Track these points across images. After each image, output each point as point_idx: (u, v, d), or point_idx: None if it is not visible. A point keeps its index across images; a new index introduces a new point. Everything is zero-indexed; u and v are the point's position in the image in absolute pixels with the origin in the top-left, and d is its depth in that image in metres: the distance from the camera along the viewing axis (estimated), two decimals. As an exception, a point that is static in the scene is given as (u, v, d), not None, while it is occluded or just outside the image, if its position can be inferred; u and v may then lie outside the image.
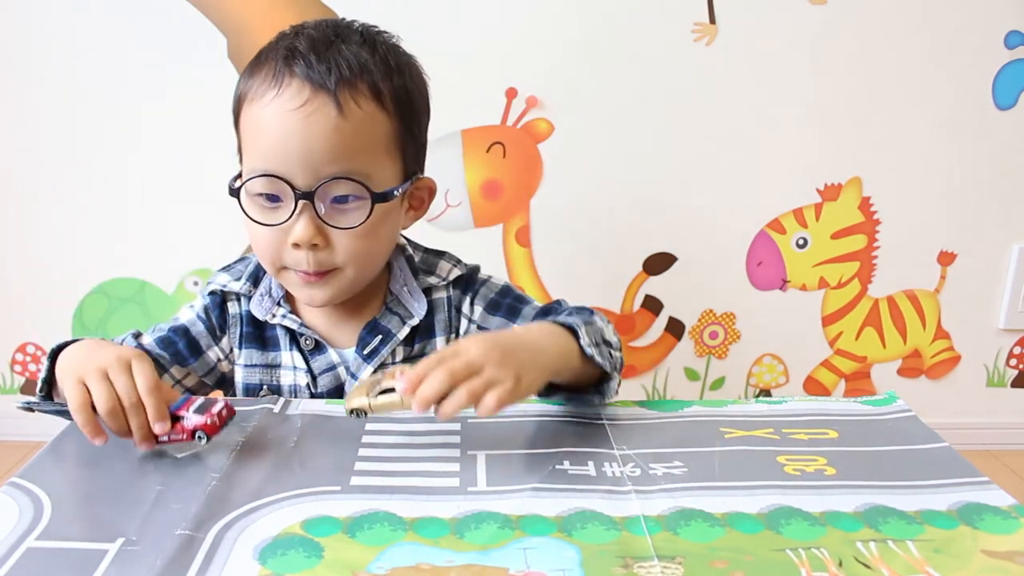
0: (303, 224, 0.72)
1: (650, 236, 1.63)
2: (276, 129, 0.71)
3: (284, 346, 0.83)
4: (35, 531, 0.52)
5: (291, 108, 0.70)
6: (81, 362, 0.63)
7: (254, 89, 0.73)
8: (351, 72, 0.71)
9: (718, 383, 1.72)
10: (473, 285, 0.86)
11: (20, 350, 1.68)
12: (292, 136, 0.70)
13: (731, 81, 1.53)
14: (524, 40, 1.51)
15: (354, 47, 0.73)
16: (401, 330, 0.82)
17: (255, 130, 0.73)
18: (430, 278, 0.85)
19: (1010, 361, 1.74)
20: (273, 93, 0.71)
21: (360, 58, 0.72)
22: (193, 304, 0.86)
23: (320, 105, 0.70)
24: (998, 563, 0.50)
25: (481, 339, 0.62)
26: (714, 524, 0.54)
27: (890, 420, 0.71)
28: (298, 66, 0.71)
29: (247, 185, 0.74)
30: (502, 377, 0.59)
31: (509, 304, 0.85)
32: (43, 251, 1.60)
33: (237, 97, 0.76)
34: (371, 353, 0.81)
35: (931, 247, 1.66)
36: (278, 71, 0.71)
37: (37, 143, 1.54)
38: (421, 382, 0.58)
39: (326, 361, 0.82)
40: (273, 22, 1.49)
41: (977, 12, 1.51)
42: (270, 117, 0.71)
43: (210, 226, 1.58)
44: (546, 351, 0.67)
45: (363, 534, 0.52)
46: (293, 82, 0.71)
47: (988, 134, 1.58)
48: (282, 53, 0.72)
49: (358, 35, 0.75)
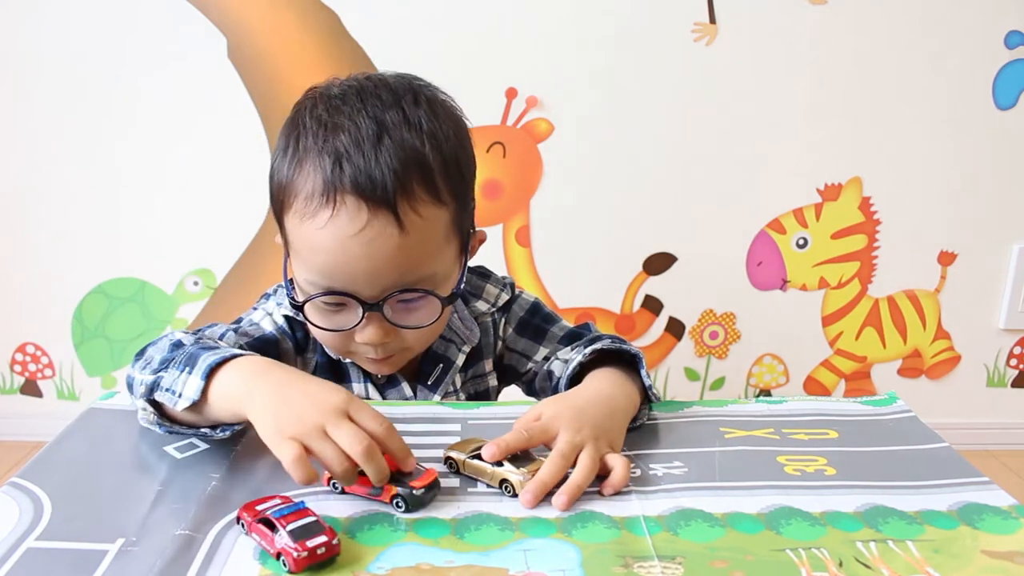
0: (372, 329, 0.70)
1: (650, 236, 1.63)
2: (336, 252, 0.67)
3: (355, 378, 0.80)
4: (35, 531, 0.52)
5: (350, 233, 0.66)
6: (285, 419, 0.56)
7: (301, 201, 0.67)
8: (406, 174, 0.66)
9: (718, 383, 1.72)
10: (510, 305, 0.87)
11: (20, 350, 1.68)
12: (354, 259, 0.67)
13: (731, 81, 1.54)
14: (524, 40, 1.51)
15: (400, 133, 0.67)
16: (459, 357, 0.82)
17: (310, 248, 0.68)
18: (479, 303, 0.84)
19: (1010, 361, 1.74)
20: (327, 214, 0.66)
21: (410, 149, 0.67)
22: (266, 313, 0.80)
23: (381, 227, 0.66)
24: (998, 563, 0.50)
25: (568, 412, 0.63)
26: (714, 524, 0.54)
27: (890, 420, 0.71)
28: (348, 179, 0.65)
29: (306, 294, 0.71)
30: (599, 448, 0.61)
31: (537, 325, 0.86)
32: (43, 251, 1.60)
33: (278, 192, 0.71)
34: (435, 383, 0.81)
35: (931, 247, 1.66)
36: (328, 186, 0.66)
37: (37, 143, 1.55)
38: (505, 449, 0.58)
39: (399, 394, 0.80)
40: (273, 22, 1.49)
41: (977, 12, 1.51)
42: (327, 241, 0.67)
43: (210, 226, 1.59)
44: (619, 407, 0.67)
45: (363, 534, 0.52)
46: (347, 201, 0.65)
47: (988, 134, 1.58)
48: (327, 159, 0.66)
49: (398, 110, 0.68)
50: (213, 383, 0.60)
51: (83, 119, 1.53)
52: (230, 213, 1.57)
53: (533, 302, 0.88)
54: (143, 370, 0.65)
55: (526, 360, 0.86)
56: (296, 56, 1.49)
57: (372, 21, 1.47)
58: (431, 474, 0.56)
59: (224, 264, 1.60)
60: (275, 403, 0.57)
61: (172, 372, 0.62)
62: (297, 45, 1.48)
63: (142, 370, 0.65)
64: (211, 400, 0.60)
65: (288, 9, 1.48)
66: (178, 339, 0.66)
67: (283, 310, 0.78)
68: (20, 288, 1.63)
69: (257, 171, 1.55)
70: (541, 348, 0.85)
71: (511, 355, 0.87)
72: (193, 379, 0.60)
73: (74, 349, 1.66)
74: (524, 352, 0.86)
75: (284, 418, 0.56)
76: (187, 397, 0.60)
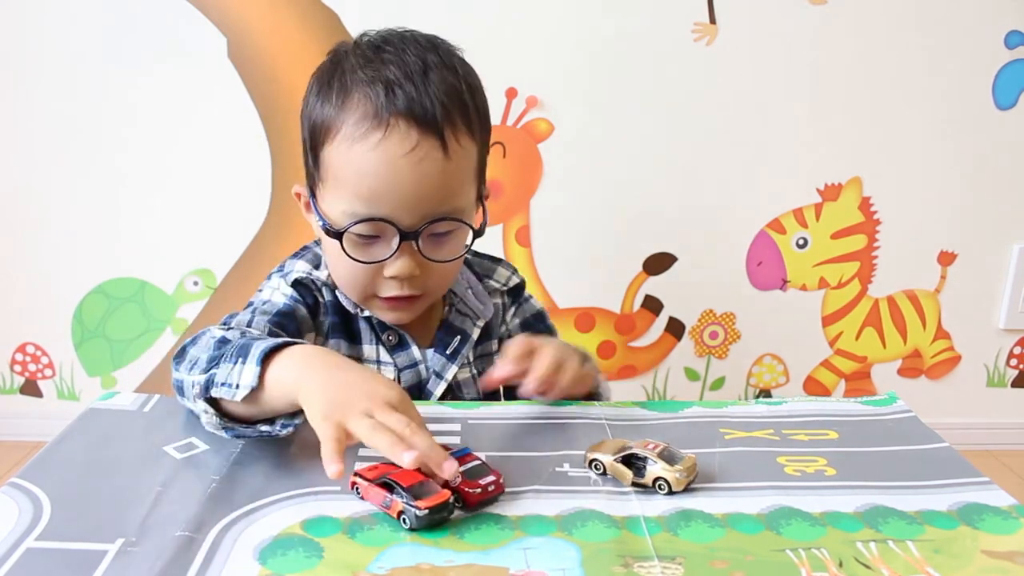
0: (404, 261, 0.73)
1: (650, 236, 1.63)
2: (384, 175, 0.69)
3: (367, 339, 0.82)
4: (35, 531, 0.52)
5: (401, 153, 0.69)
6: (334, 402, 0.56)
7: (350, 126, 0.70)
8: (452, 105, 0.70)
9: (718, 383, 1.72)
10: (519, 298, 0.92)
11: (20, 350, 1.68)
12: (402, 182, 0.69)
13: (731, 81, 1.53)
14: (524, 40, 1.51)
15: (442, 72, 0.71)
16: (474, 331, 0.85)
17: (355, 173, 0.71)
18: (491, 282, 0.89)
19: (1010, 361, 1.74)
20: (378, 136, 0.69)
21: (451, 86, 0.71)
22: (275, 289, 0.80)
23: (429, 149, 0.69)
24: (998, 563, 0.50)
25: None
26: (714, 525, 0.54)
27: (890, 420, 0.71)
28: (401, 103, 0.69)
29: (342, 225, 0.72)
30: None
31: (539, 331, 0.90)
32: (43, 251, 1.60)
33: (320, 127, 0.73)
34: (453, 353, 0.83)
35: (931, 247, 1.66)
36: (380, 110, 0.69)
37: (37, 143, 1.54)
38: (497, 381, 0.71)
39: (408, 358, 0.82)
40: (273, 22, 1.49)
41: (977, 12, 1.51)
42: (377, 162, 0.69)
43: (210, 226, 1.59)
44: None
45: (363, 534, 0.52)
46: (400, 123, 0.69)
47: (988, 134, 1.58)
48: (379, 87, 0.69)
49: (436, 55, 0.73)
50: (268, 370, 0.59)
51: (83, 119, 1.53)
52: (230, 213, 1.57)
53: (540, 309, 0.94)
54: (191, 371, 0.65)
55: None
56: (296, 56, 1.49)
57: (372, 21, 1.47)
58: (442, 495, 0.53)
59: (224, 264, 1.60)
60: (326, 387, 0.58)
61: (225, 366, 0.61)
62: (297, 45, 1.48)
63: (189, 371, 0.65)
64: (267, 387, 0.59)
65: (288, 9, 1.48)
66: (221, 336, 0.66)
67: (291, 277, 0.80)
68: (20, 288, 1.63)
69: (257, 171, 1.56)
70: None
71: None
72: (249, 367, 0.60)
73: (74, 349, 1.66)
74: None
75: (333, 401, 0.56)
76: (245, 386, 0.59)
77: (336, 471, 0.52)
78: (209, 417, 0.62)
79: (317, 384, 0.58)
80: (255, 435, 0.61)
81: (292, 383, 0.59)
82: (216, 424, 0.61)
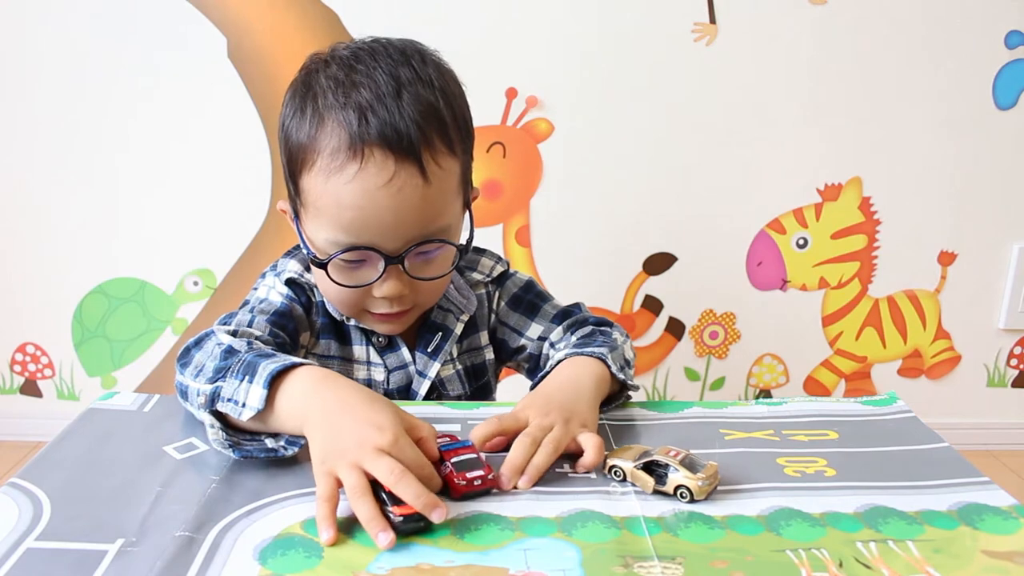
0: (392, 283, 0.73)
1: (650, 236, 1.63)
2: (364, 206, 0.68)
3: (357, 340, 0.82)
4: (35, 531, 0.52)
5: (379, 184, 0.68)
6: (329, 449, 0.56)
7: (325, 157, 0.69)
8: (427, 126, 0.68)
9: (718, 383, 1.72)
10: (503, 280, 0.89)
11: (20, 350, 1.68)
12: (382, 212, 0.69)
13: (731, 81, 1.53)
14: (524, 40, 1.51)
15: (416, 88, 0.69)
16: (457, 325, 0.85)
17: (335, 205, 0.69)
18: (474, 274, 0.88)
19: (1010, 361, 1.74)
20: (354, 168, 0.67)
21: (426, 103, 0.69)
22: (271, 287, 0.81)
23: (408, 177, 0.68)
24: (998, 563, 0.50)
25: (538, 400, 0.67)
26: (714, 526, 0.54)
27: (890, 421, 0.71)
28: (375, 132, 0.67)
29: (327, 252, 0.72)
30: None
31: (530, 301, 0.88)
32: (43, 251, 1.60)
33: (296, 154, 0.72)
34: (435, 350, 0.83)
35: (931, 247, 1.66)
36: (354, 140, 0.67)
37: (37, 143, 1.54)
38: (481, 437, 0.63)
39: (398, 359, 0.83)
40: (273, 22, 1.49)
41: (977, 12, 1.51)
42: (355, 194, 0.68)
43: (210, 226, 1.59)
44: (585, 388, 0.70)
45: (363, 534, 0.52)
46: (375, 153, 0.67)
47: (988, 134, 1.58)
48: (351, 113, 0.68)
49: (409, 68, 0.70)
50: (277, 393, 0.61)
51: (83, 119, 1.53)
52: (230, 213, 1.57)
53: (528, 280, 0.91)
54: (196, 377, 0.65)
55: (518, 336, 0.88)
56: (296, 56, 1.46)
57: (372, 21, 1.47)
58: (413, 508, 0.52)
59: (224, 264, 1.60)
60: (325, 432, 0.58)
61: (231, 381, 0.62)
62: (297, 45, 1.48)
63: (195, 377, 0.65)
64: (276, 410, 0.61)
65: (288, 9, 1.48)
66: (228, 345, 0.66)
67: (284, 276, 0.80)
68: (20, 288, 1.63)
69: (257, 171, 1.56)
70: (534, 324, 0.88)
71: (503, 329, 0.89)
72: (255, 388, 0.61)
73: (74, 349, 1.66)
74: (516, 327, 0.88)
75: (328, 451, 0.56)
76: (251, 407, 0.60)
77: (328, 538, 0.51)
78: (216, 432, 0.61)
79: (317, 424, 0.59)
80: (261, 454, 0.61)
81: (299, 415, 0.60)
82: (222, 440, 0.61)
